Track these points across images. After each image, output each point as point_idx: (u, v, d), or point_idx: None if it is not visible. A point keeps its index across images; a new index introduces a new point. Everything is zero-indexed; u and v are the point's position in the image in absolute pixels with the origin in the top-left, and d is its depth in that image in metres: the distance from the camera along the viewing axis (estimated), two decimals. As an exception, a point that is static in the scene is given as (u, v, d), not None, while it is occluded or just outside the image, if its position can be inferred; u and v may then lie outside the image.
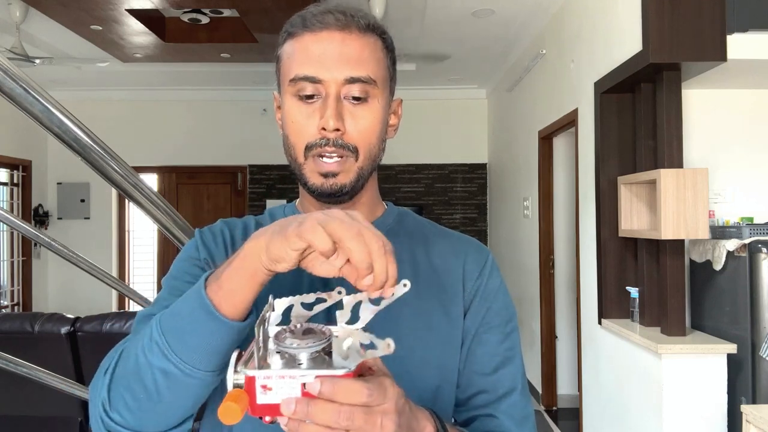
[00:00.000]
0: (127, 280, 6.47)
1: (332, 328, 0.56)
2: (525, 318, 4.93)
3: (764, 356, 2.31)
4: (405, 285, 0.53)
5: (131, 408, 0.61)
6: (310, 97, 0.71)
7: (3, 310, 5.72)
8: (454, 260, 0.81)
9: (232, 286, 0.57)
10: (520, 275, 5.06)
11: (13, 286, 6.02)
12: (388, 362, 0.55)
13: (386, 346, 0.51)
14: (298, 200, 0.86)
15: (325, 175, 0.72)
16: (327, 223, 0.52)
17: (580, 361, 3.49)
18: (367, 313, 0.57)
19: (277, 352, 0.53)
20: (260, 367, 0.51)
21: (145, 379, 0.60)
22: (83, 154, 0.87)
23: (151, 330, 0.60)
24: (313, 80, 0.71)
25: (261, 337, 0.53)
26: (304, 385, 0.49)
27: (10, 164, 5.91)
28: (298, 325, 0.56)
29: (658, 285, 2.66)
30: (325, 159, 0.71)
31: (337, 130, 0.70)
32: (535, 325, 4.60)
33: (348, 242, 0.51)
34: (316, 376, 0.49)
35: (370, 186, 0.80)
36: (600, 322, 3.10)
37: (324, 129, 0.70)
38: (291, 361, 0.52)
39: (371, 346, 0.52)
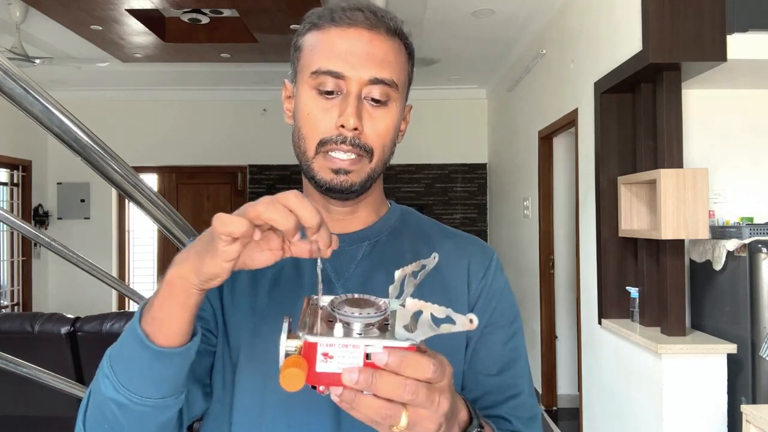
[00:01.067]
0: (127, 280, 6.47)
1: (386, 300, 0.54)
2: (525, 318, 4.93)
3: (764, 356, 2.31)
4: (471, 321, 0.48)
5: None
6: (330, 92, 0.70)
7: (3, 310, 5.72)
8: (459, 260, 0.79)
9: (164, 315, 0.57)
10: (520, 275, 5.06)
11: (13, 286, 6.02)
12: None
13: (468, 321, 0.47)
14: None
15: (337, 172, 0.70)
16: (238, 213, 0.51)
17: (580, 361, 3.49)
18: (410, 287, 0.55)
19: (330, 321, 0.51)
20: (321, 334, 0.48)
21: (106, 412, 0.61)
22: (83, 154, 0.87)
23: (103, 363, 0.61)
24: (337, 75, 0.69)
25: (318, 304, 0.51)
26: (367, 355, 0.47)
27: (10, 164, 5.90)
28: (350, 295, 0.54)
29: (658, 285, 2.66)
30: (338, 155, 0.70)
31: (356, 129, 0.69)
32: (535, 325, 4.60)
33: (264, 214, 0.50)
34: (384, 347, 0.47)
35: (377, 186, 0.80)
36: (600, 322, 3.10)
37: (342, 126, 0.68)
38: (348, 330, 0.50)
39: (447, 320, 0.48)
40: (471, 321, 0.47)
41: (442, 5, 3.93)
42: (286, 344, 0.48)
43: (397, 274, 0.54)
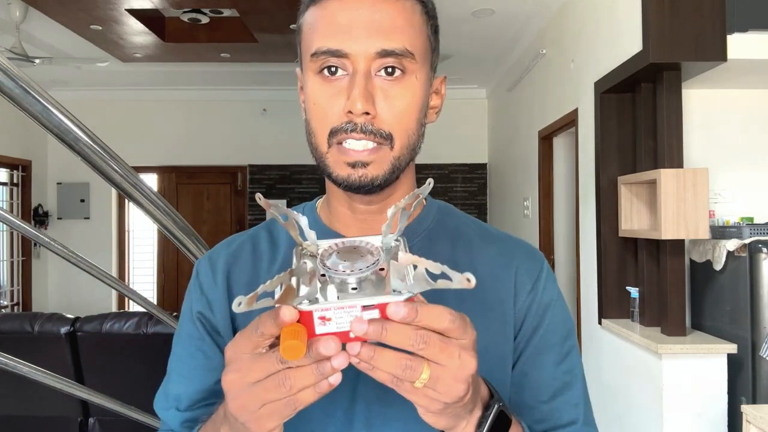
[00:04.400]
0: (127, 280, 6.47)
1: (376, 243, 0.51)
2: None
3: (764, 356, 2.31)
4: (469, 280, 0.45)
5: None
6: (334, 73, 0.61)
7: (3, 310, 5.72)
8: (504, 270, 0.70)
9: None
10: (520, 275, 5.05)
11: (13, 286, 6.02)
12: None
13: (465, 280, 0.45)
14: (321, 199, 0.75)
15: (353, 165, 0.61)
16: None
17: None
18: (404, 221, 0.51)
19: (322, 275, 0.48)
20: (312, 301, 0.46)
21: None
22: (83, 154, 0.87)
23: None
24: (338, 54, 0.59)
25: (302, 264, 0.49)
26: (363, 307, 0.46)
27: (10, 164, 5.90)
28: (338, 242, 0.51)
29: (658, 285, 2.66)
30: (351, 146, 0.60)
31: (367, 113, 0.59)
32: (535, 325, 4.59)
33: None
34: (376, 305, 0.45)
35: (406, 179, 0.69)
36: (600, 322, 3.10)
37: (350, 112, 0.59)
38: (343, 286, 0.48)
39: (443, 276, 0.46)
40: (468, 280, 0.45)
41: (442, 5, 3.91)
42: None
43: (390, 211, 0.50)
